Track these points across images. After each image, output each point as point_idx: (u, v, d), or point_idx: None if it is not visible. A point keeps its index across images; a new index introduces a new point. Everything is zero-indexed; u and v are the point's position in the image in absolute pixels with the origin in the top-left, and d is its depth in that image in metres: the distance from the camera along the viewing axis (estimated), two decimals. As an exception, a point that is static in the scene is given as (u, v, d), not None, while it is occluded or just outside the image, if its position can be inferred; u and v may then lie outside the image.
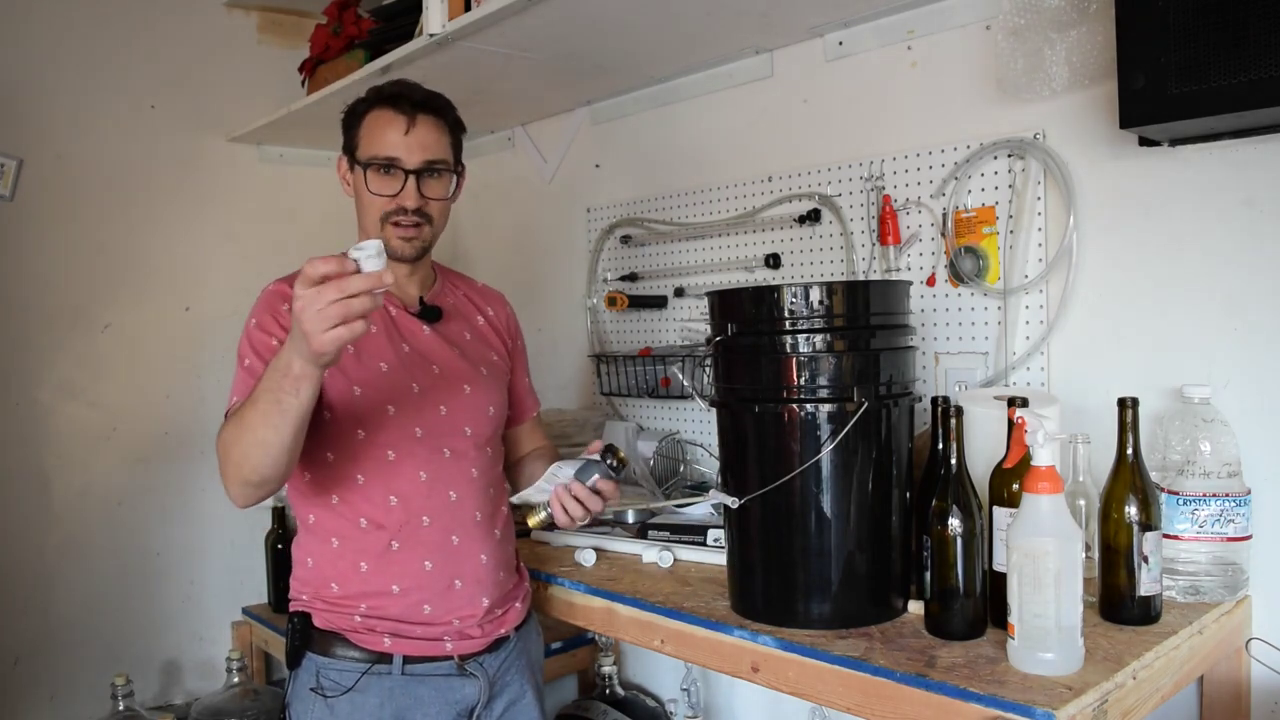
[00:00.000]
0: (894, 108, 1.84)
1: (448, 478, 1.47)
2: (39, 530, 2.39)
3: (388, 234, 1.47)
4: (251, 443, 1.24)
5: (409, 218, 1.47)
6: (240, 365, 1.42)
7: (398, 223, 1.47)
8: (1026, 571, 1.13)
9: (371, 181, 1.46)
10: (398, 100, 1.48)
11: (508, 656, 1.54)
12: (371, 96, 1.51)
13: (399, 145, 1.46)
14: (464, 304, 1.63)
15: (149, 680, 2.52)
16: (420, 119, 1.47)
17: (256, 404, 1.22)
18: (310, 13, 2.71)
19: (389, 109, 1.47)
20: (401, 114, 1.46)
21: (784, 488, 1.32)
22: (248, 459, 1.26)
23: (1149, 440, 1.39)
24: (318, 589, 1.47)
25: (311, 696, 1.43)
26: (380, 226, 1.48)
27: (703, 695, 2.22)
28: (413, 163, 1.46)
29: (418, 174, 1.46)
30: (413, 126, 1.46)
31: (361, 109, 1.51)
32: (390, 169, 1.46)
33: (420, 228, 1.49)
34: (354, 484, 1.43)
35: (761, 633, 1.32)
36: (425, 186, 1.48)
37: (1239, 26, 1.18)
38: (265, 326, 1.42)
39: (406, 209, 1.46)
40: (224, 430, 1.31)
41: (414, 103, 1.47)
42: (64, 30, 2.42)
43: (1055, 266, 1.61)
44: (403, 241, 1.48)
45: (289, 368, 1.17)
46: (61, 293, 2.42)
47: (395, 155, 1.46)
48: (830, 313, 1.33)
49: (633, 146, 2.39)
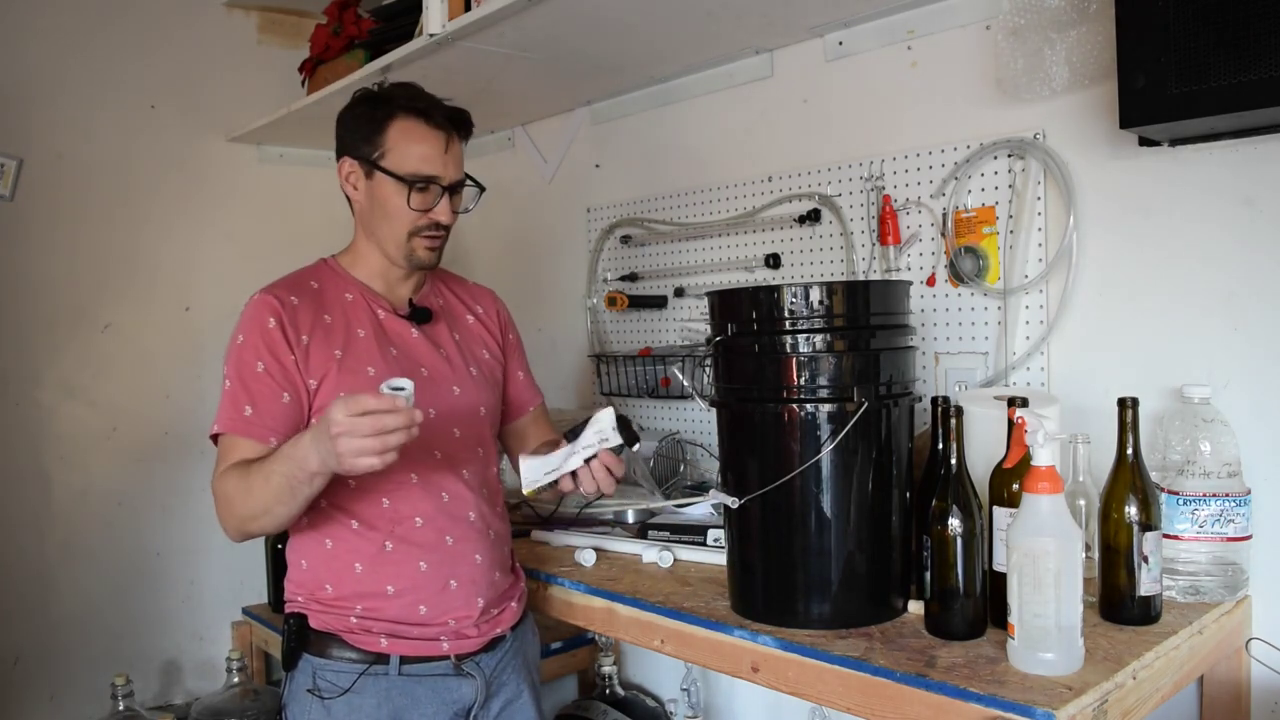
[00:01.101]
0: (894, 108, 1.84)
1: (439, 479, 1.48)
2: (39, 530, 2.39)
3: (414, 245, 1.48)
4: (259, 511, 1.32)
5: (439, 231, 1.49)
6: (225, 386, 1.42)
7: (426, 237, 1.48)
8: (1026, 571, 1.13)
9: (414, 199, 1.46)
10: (430, 114, 1.45)
11: (504, 656, 1.54)
12: (392, 101, 1.46)
13: (438, 163, 1.45)
14: (453, 304, 1.63)
15: (149, 680, 2.52)
16: (454, 136, 1.48)
17: (269, 481, 1.29)
18: (310, 13, 2.71)
19: (422, 122, 1.45)
20: (439, 130, 1.46)
21: (784, 488, 1.32)
22: (253, 521, 1.35)
23: (1149, 440, 1.39)
24: (313, 590, 1.47)
25: (308, 698, 1.43)
26: (406, 239, 1.48)
27: (703, 695, 2.22)
28: (449, 179, 1.47)
29: (451, 190, 1.48)
30: (450, 144, 1.47)
31: (383, 115, 1.45)
32: (427, 188, 1.46)
33: (443, 239, 1.51)
34: (345, 486, 1.43)
35: (761, 633, 1.32)
36: (454, 202, 1.50)
37: (1239, 26, 1.18)
38: (252, 345, 1.41)
39: (440, 224, 1.48)
40: (227, 482, 1.35)
41: (448, 118, 1.47)
42: (64, 30, 2.42)
43: (1055, 266, 1.61)
44: (429, 252, 1.50)
45: (306, 462, 1.24)
46: (61, 293, 2.42)
47: (437, 175, 1.46)
48: (830, 313, 1.33)
49: (633, 146, 2.39)
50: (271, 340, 1.40)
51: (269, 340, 1.40)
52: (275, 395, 1.39)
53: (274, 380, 1.39)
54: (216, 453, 1.41)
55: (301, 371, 1.41)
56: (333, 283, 1.51)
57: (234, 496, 1.34)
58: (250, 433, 1.38)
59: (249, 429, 1.38)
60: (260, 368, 1.39)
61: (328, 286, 1.50)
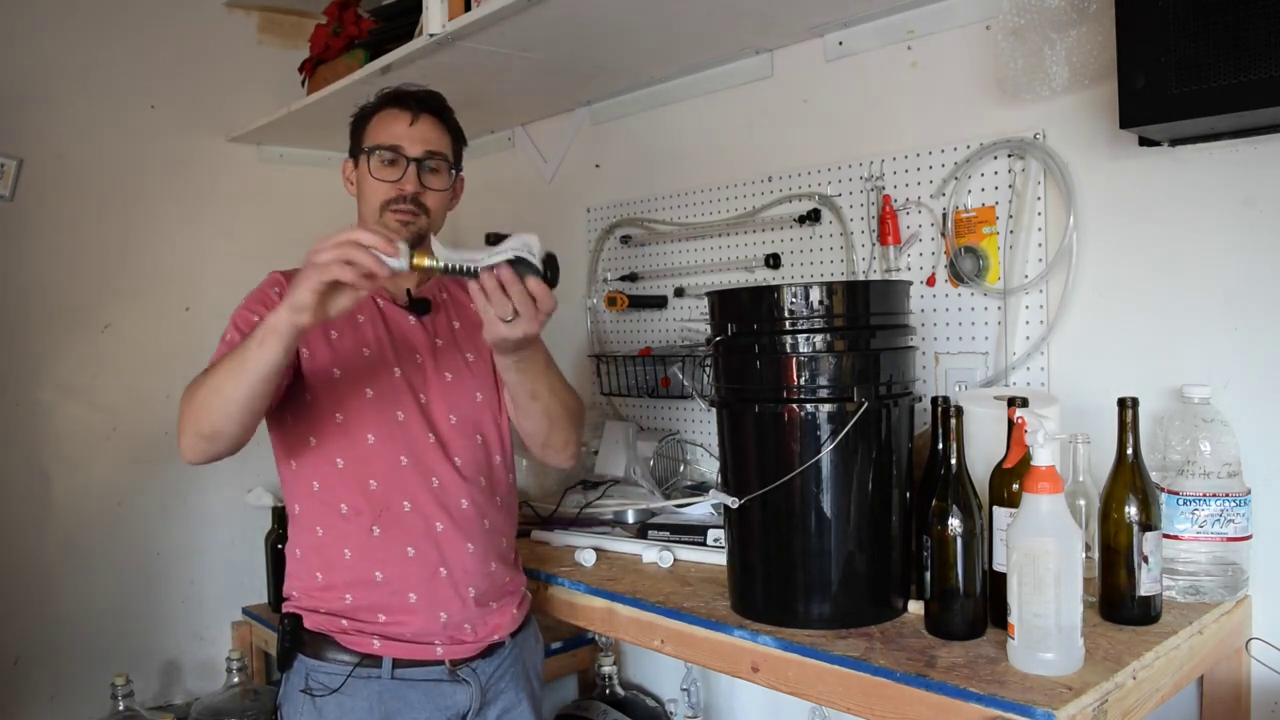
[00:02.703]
0: (894, 107, 1.84)
1: (431, 463, 1.48)
2: (39, 530, 2.39)
3: (386, 219, 1.51)
4: (210, 390, 1.28)
5: (407, 205, 1.50)
6: (222, 340, 1.44)
7: (397, 210, 1.50)
8: (1026, 571, 1.13)
9: (375, 169, 1.51)
10: (402, 98, 1.55)
11: (502, 663, 1.53)
12: (377, 99, 1.57)
13: (402, 135, 1.52)
14: (457, 293, 1.64)
15: (149, 680, 2.52)
16: (423, 115, 1.54)
17: (226, 359, 1.29)
18: (310, 13, 2.71)
19: (394, 106, 1.54)
20: (406, 109, 1.53)
21: (784, 488, 1.32)
22: (204, 407, 1.29)
23: (1149, 440, 1.39)
24: (305, 582, 1.48)
25: (301, 698, 1.44)
26: (379, 214, 1.51)
27: (703, 695, 2.22)
28: (415, 152, 1.51)
29: (419, 163, 1.51)
30: (416, 120, 1.53)
31: (369, 110, 1.57)
32: (394, 159, 1.51)
33: (416, 216, 1.51)
34: (333, 468, 1.45)
35: (761, 633, 1.32)
36: (425, 177, 1.52)
37: (1239, 26, 1.18)
38: (251, 306, 1.47)
39: (406, 194, 1.50)
40: (189, 385, 1.33)
41: (418, 100, 1.54)
42: (64, 30, 2.42)
43: (1055, 266, 1.61)
44: (400, 225, 1.51)
45: (265, 320, 1.23)
46: (61, 293, 2.42)
47: (398, 144, 1.51)
48: (830, 313, 1.33)
49: (633, 146, 2.39)
50: (270, 302, 1.44)
51: (268, 302, 1.45)
52: None
53: None
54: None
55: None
56: None
57: (190, 391, 1.31)
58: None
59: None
60: (256, 319, 1.39)
61: None
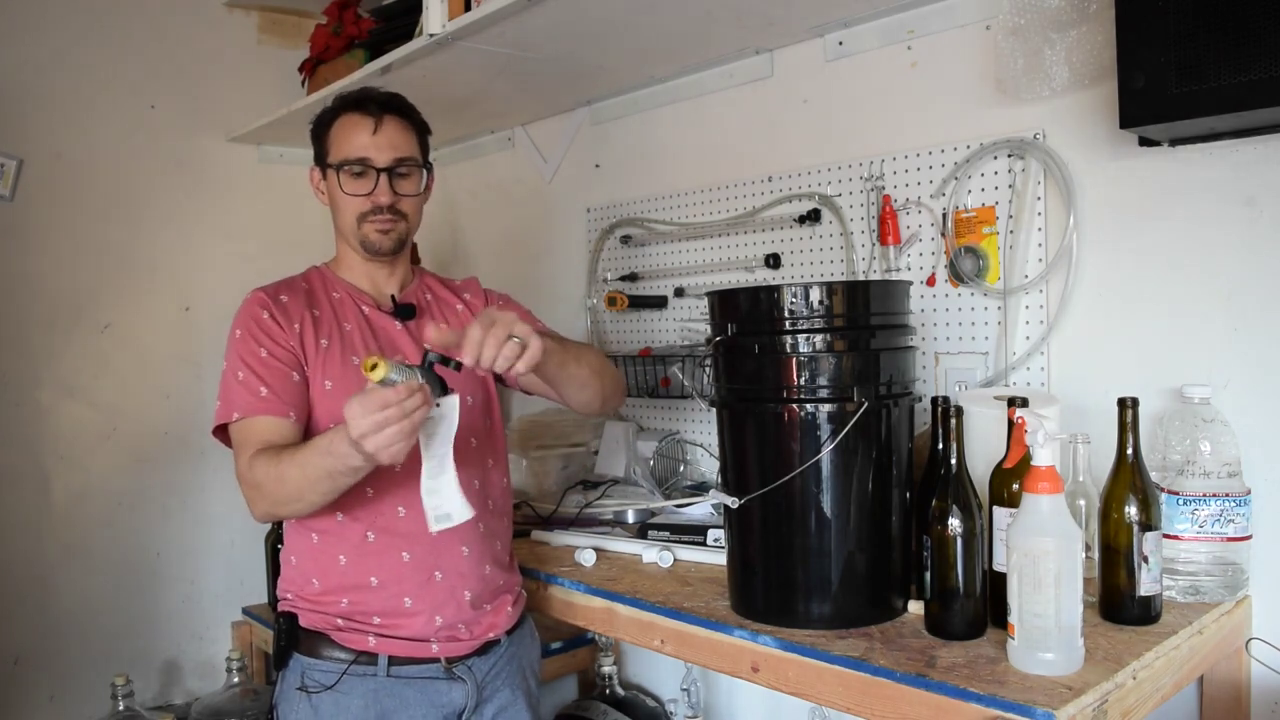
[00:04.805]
0: (894, 108, 1.84)
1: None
2: (39, 530, 2.39)
3: (365, 231, 1.51)
4: (293, 497, 1.35)
5: (384, 215, 1.50)
6: (233, 378, 1.44)
7: (374, 220, 1.50)
8: (1026, 571, 1.13)
9: (345, 184, 1.50)
10: (362, 103, 1.52)
11: (498, 661, 1.53)
12: (336, 105, 1.54)
13: (368, 145, 1.49)
14: (444, 296, 1.64)
15: (149, 680, 2.52)
16: (387, 119, 1.51)
17: (305, 470, 1.32)
18: (310, 13, 2.71)
19: (354, 112, 1.51)
20: (368, 115, 1.50)
21: (784, 488, 1.32)
22: (284, 506, 1.38)
23: (1149, 440, 1.39)
24: (301, 587, 1.48)
25: (297, 695, 1.45)
26: (357, 226, 1.51)
27: (703, 695, 2.22)
28: (383, 161, 1.50)
29: (389, 171, 1.50)
30: (380, 126, 1.50)
31: (328, 117, 1.54)
32: (362, 171, 1.49)
33: (395, 223, 1.52)
34: None
35: (761, 633, 1.32)
36: (397, 184, 1.51)
37: (1239, 26, 1.18)
38: (252, 335, 1.45)
39: (381, 206, 1.50)
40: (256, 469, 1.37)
41: (379, 104, 1.52)
42: (64, 30, 2.42)
43: (1055, 266, 1.61)
44: (381, 236, 1.51)
45: (347, 459, 1.25)
46: (61, 293, 2.42)
47: (366, 155, 1.49)
48: (830, 313, 1.33)
49: (633, 146, 2.39)
50: (268, 329, 1.45)
51: (266, 329, 1.45)
52: (286, 375, 1.44)
53: (280, 362, 1.44)
54: (234, 441, 1.43)
55: (298, 354, 1.46)
56: (321, 284, 1.56)
57: (265, 484, 1.36)
58: (271, 410, 1.41)
59: (269, 407, 1.41)
60: (264, 354, 1.44)
61: (316, 287, 1.55)
